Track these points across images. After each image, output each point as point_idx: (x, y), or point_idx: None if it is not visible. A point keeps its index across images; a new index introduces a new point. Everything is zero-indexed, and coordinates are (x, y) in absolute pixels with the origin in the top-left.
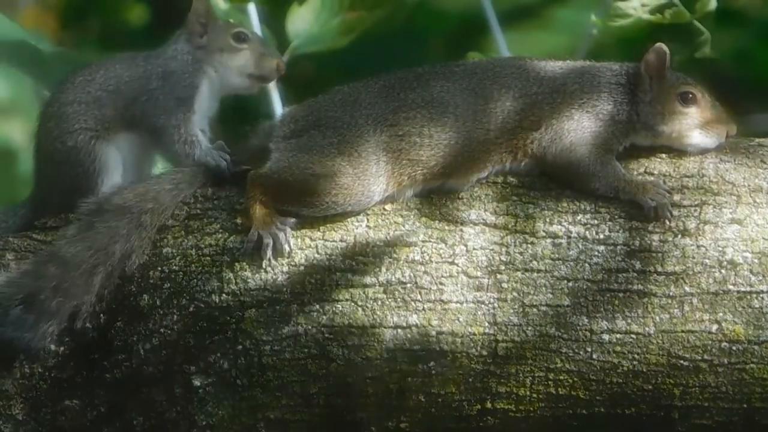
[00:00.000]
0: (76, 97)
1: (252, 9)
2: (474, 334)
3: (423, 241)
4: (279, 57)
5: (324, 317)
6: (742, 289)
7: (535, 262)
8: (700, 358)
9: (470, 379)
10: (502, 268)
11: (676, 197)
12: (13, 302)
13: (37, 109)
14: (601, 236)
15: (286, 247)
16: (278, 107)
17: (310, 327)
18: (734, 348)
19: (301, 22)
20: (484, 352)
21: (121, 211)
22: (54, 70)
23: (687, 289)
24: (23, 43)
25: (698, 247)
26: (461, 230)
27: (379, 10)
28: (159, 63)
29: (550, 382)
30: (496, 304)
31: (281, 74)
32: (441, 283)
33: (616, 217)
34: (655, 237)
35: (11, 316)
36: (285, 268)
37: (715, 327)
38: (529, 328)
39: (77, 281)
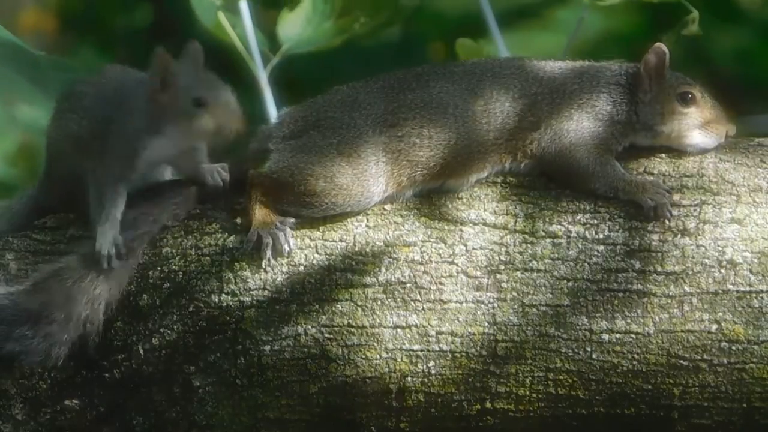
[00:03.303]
0: (72, 107)
1: (244, 7)
2: (473, 334)
3: (422, 241)
4: (239, 121)
5: (323, 317)
6: (742, 288)
7: (534, 262)
8: (699, 357)
9: (470, 379)
10: (502, 267)
11: (676, 197)
12: (18, 321)
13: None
14: (601, 236)
15: (286, 247)
16: (272, 109)
17: (309, 327)
18: (734, 348)
19: (292, 26)
20: (484, 352)
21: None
22: (49, 76)
23: (686, 288)
24: (19, 48)
25: (698, 246)
26: (461, 230)
27: (379, 15)
28: (119, 112)
29: (549, 382)
30: (495, 304)
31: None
32: (440, 283)
33: (616, 216)
34: (655, 237)
35: (16, 334)
36: (284, 268)
37: (714, 327)
38: (529, 328)
39: (83, 313)
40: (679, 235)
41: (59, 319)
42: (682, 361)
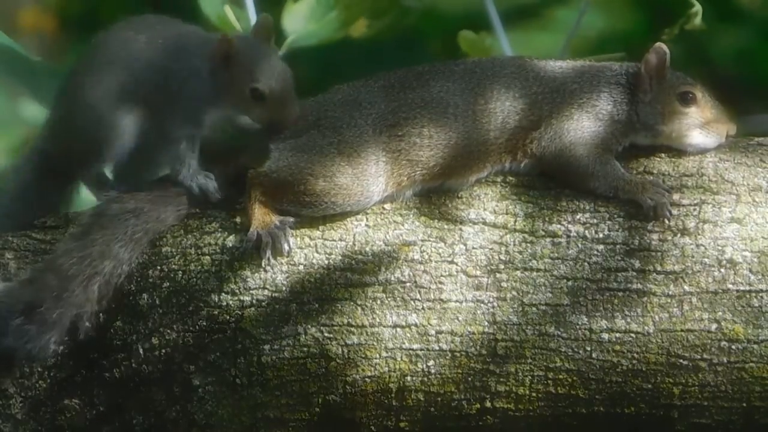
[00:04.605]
0: (110, 60)
1: (249, 0)
2: (473, 333)
3: (422, 240)
4: (293, 115)
5: (323, 316)
6: (742, 288)
7: (534, 261)
8: (699, 357)
9: (469, 378)
10: (502, 267)
11: (676, 196)
12: (13, 313)
13: (16, 126)
14: (601, 235)
15: (286, 246)
16: None
17: (309, 326)
18: (733, 347)
19: (296, 18)
20: (484, 351)
21: (119, 220)
22: (44, 81)
23: (686, 288)
24: (14, 53)
25: (697, 246)
26: (460, 229)
27: (386, 17)
28: (182, 70)
29: (549, 381)
30: (495, 303)
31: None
32: (440, 282)
33: (616, 216)
34: (655, 236)
35: (12, 326)
36: (284, 267)
37: (714, 326)
38: (529, 327)
39: (76, 290)
40: (679, 235)
41: (50, 300)
42: (681, 361)
